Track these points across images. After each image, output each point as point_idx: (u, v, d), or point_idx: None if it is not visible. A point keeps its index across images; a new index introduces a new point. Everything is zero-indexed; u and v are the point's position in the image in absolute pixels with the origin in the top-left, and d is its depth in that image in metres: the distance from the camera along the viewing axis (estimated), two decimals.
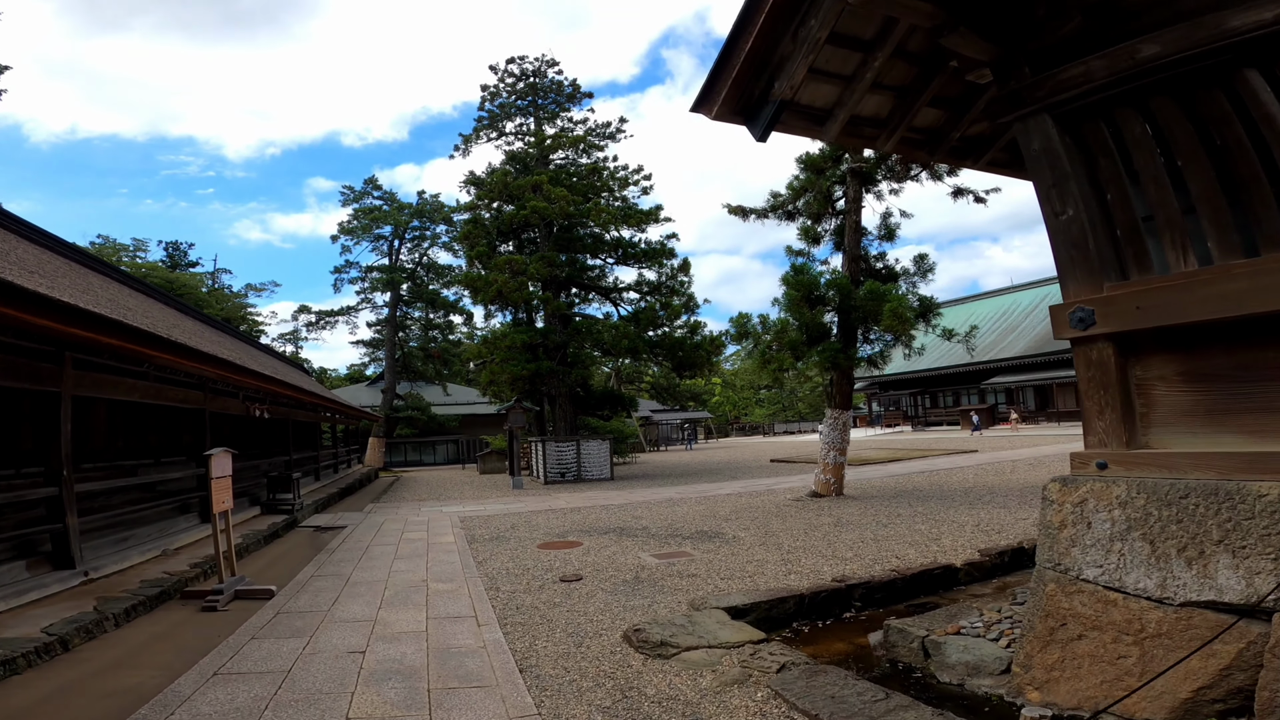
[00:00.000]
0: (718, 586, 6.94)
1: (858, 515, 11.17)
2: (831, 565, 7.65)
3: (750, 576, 7.31)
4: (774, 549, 8.71)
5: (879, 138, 5.96)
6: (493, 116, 28.84)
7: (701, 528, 10.76)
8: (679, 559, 8.34)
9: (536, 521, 12.41)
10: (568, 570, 7.93)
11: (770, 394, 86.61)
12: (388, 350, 39.68)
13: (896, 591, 6.82)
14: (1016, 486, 13.64)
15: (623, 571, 7.76)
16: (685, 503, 14.40)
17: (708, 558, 8.34)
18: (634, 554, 8.80)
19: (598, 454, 22.39)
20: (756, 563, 7.96)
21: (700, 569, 7.71)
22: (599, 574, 7.67)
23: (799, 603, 6.28)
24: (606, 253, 24.65)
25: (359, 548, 10.03)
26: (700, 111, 5.32)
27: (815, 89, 5.42)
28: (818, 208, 13.79)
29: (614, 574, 7.65)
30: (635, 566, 7.99)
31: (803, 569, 7.53)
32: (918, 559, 7.73)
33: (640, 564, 8.13)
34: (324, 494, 16.57)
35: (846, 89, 5.46)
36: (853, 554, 8.22)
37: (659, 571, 7.68)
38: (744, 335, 13.92)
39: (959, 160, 6.71)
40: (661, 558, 8.47)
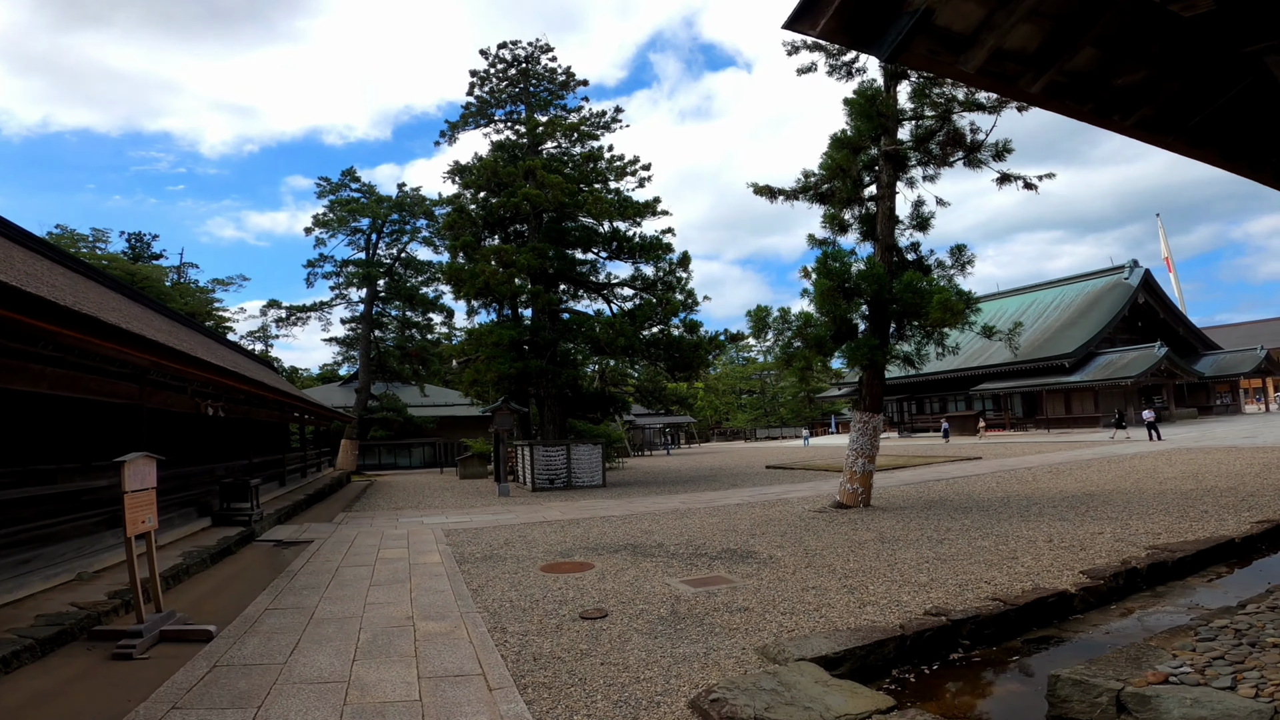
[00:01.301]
0: (782, 624, 5.55)
1: (900, 530, 9.87)
2: (910, 593, 6.31)
3: (815, 610, 5.93)
4: (826, 572, 7.35)
5: (1023, 77, 4.66)
6: (481, 103, 27.25)
7: (727, 545, 9.36)
8: (717, 586, 6.93)
9: (533, 536, 10.91)
10: (586, 602, 6.48)
11: (752, 399, 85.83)
12: (362, 348, 37.71)
13: (1009, 624, 5.55)
14: (1054, 496, 12.49)
15: (654, 604, 6.33)
16: (695, 514, 13.00)
17: (752, 584, 6.95)
18: (659, 579, 7.38)
19: (589, 459, 20.90)
20: (815, 591, 6.58)
21: (750, 600, 6.31)
22: (626, 607, 6.23)
23: (899, 645, 4.96)
24: (600, 246, 23.19)
25: (327, 569, 8.46)
26: (799, 29, 3.95)
27: (958, 6, 4.11)
28: (848, 192, 12.52)
29: (644, 607, 6.21)
30: (667, 597, 6.56)
31: (876, 599, 6.18)
32: (1012, 583, 6.44)
33: (673, 593, 6.71)
34: (288, 501, 14.86)
35: (999, 9, 4.16)
36: (927, 578, 6.89)
37: (699, 604, 6.26)
38: (762, 329, 12.59)
39: (1102, 117, 5.42)
40: (695, 584, 7.05)
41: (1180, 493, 12.02)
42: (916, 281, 10.90)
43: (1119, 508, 10.76)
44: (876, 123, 11.98)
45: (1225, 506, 10.18)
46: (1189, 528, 8.81)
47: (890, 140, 12.45)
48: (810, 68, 13.18)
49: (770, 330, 12.60)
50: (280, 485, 17.60)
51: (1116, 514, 10.19)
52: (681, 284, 21.78)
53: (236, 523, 11.04)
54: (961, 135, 11.71)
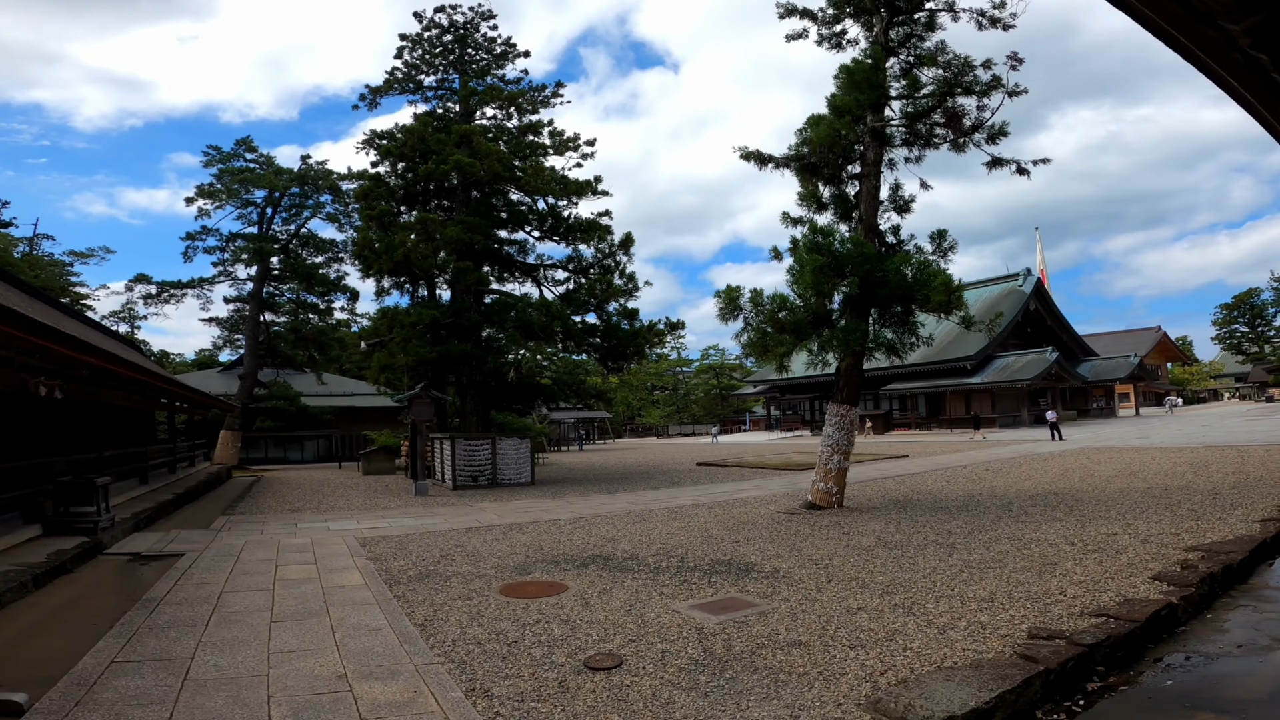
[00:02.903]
0: (862, 662, 4.24)
1: (896, 534, 8.85)
2: (985, 611, 5.20)
3: (889, 640, 4.65)
4: (857, 588, 6.10)
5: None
6: (410, 68, 24.41)
7: (714, 554, 7.98)
8: (741, 612, 5.50)
9: (473, 546, 9.08)
10: (581, 641, 4.86)
11: (664, 395, 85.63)
12: (249, 330, 33.53)
13: (1135, 642, 4.52)
14: (1018, 494, 12.00)
15: (673, 641, 4.82)
16: (652, 517, 11.56)
17: (780, 607, 5.58)
18: (659, 604, 5.87)
19: (516, 455, 18.99)
20: (867, 613, 5.30)
21: (795, 629, 4.92)
22: (640, 649, 4.68)
23: (1045, 681, 3.77)
24: (534, 225, 21.23)
25: (205, 596, 6.33)
26: None
27: None
28: (835, 168, 11.49)
29: (664, 647, 4.69)
30: (686, 630, 5.07)
31: (951, 620, 4.99)
32: (1089, 594, 5.52)
33: (688, 624, 5.22)
34: (151, 502, 12.11)
35: None
36: (983, 591, 5.80)
37: (734, 639, 4.81)
38: (734, 311, 11.32)
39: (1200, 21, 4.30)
40: (710, 610, 5.60)
41: (1143, 491, 11.82)
42: (912, 263, 9.98)
43: (1101, 507, 10.29)
44: (876, 93, 11.03)
45: (1207, 505, 9.88)
46: (1197, 527, 8.30)
47: (878, 117, 11.52)
48: (801, 34, 12.25)
49: (742, 313, 11.35)
50: (142, 483, 14.59)
51: (1107, 513, 9.67)
52: (621, 267, 20.25)
53: (77, 531, 8.50)
54: (958, 114, 10.93)
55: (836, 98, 10.98)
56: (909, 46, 12.13)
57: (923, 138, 11.73)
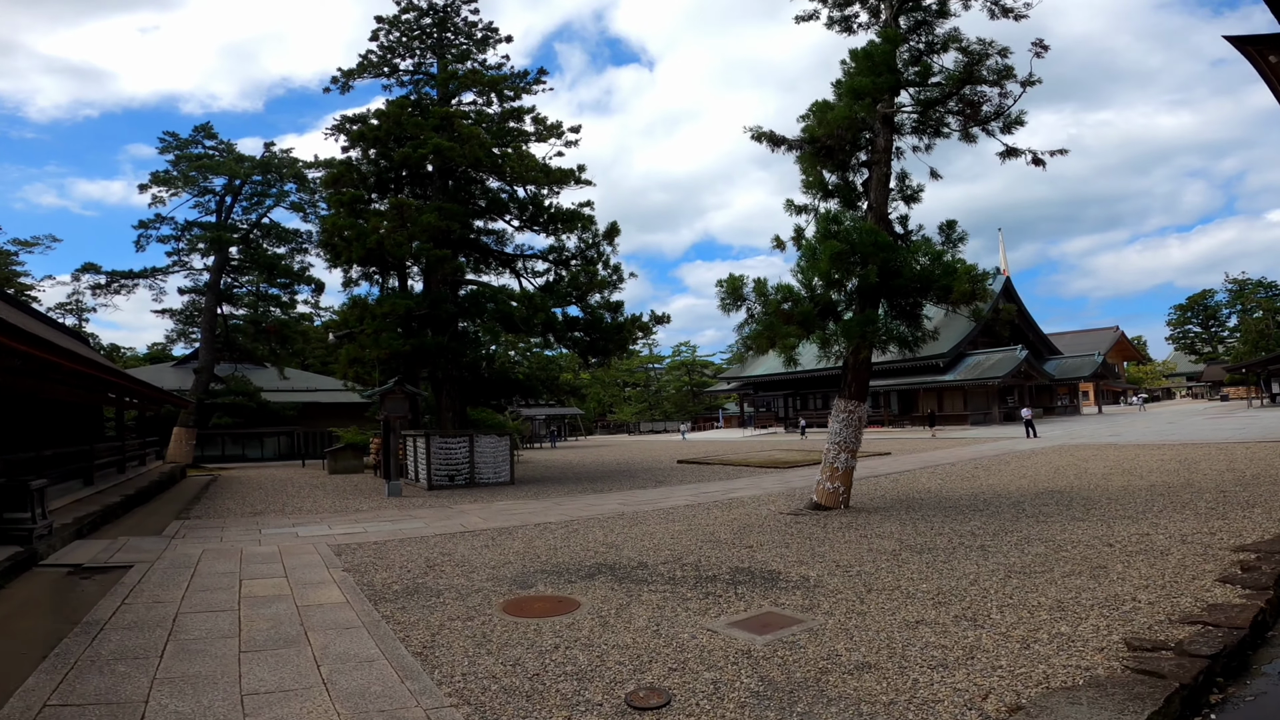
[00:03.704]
0: (954, 686, 3.69)
1: (916, 537, 8.33)
2: (1062, 621, 4.68)
3: (970, 658, 4.08)
4: (904, 598, 5.51)
5: None
6: (385, 51, 23.19)
7: (731, 562, 7.34)
8: (786, 630, 4.86)
9: (461, 554, 8.28)
10: (613, 672, 4.16)
11: (636, 392, 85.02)
12: (205, 322, 31.83)
13: (1238, 651, 4.03)
14: (1022, 493, 11.64)
15: (721, 669, 4.15)
16: (648, 519, 10.89)
17: (829, 622, 4.95)
18: (688, 621, 5.20)
19: (495, 453, 18.11)
20: (931, 627, 4.71)
21: (857, 649, 4.29)
22: (685, 679, 4.00)
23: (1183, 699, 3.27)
24: (514, 214, 20.32)
25: (158, 618, 5.44)
26: None
27: None
28: (844, 155, 10.97)
29: (712, 677, 4.02)
30: (731, 653, 4.40)
31: (1031, 632, 4.46)
32: (1166, 599, 5.05)
33: (732, 645, 4.56)
34: (97, 505, 10.99)
35: None
36: (1047, 599, 5.30)
37: (790, 663, 4.16)
38: (737, 301, 10.70)
39: None
40: (751, 628, 4.95)
41: (1147, 489, 11.57)
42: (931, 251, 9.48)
43: (1114, 505, 9.94)
44: (894, 77, 10.54)
45: (1223, 503, 9.59)
46: (1228, 526, 7.97)
47: (888, 103, 11.01)
48: (812, 15, 11.77)
49: (745, 304, 10.74)
50: (86, 484, 13.36)
51: (1125, 512, 9.31)
52: (605, 259, 19.50)
53: (9, 540, 7.45)
54: (976, 101, 10.50)
55: (854, 80, 10.44)
56: (920, 32, 11.69)
57: (933, 126, 11.29)
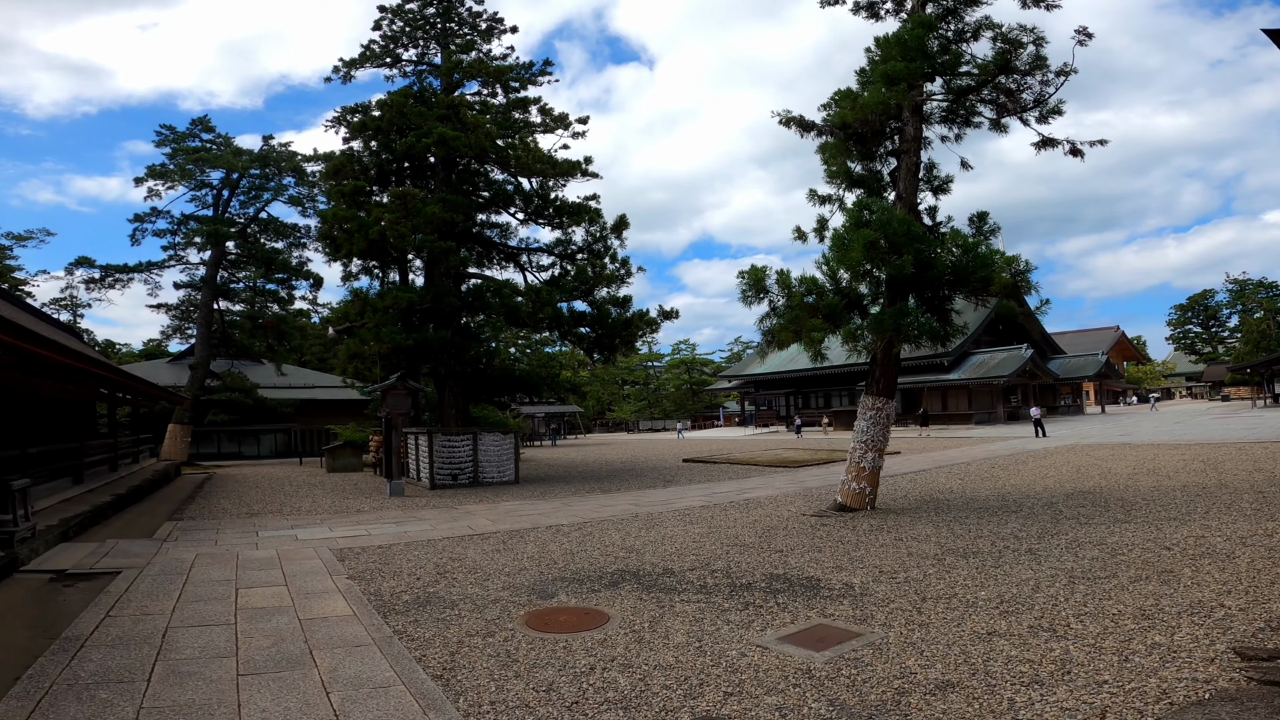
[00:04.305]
0: (1061, 706, 3.29)
1: (954, 539, 7.86)
2: (1150, 630, 4.25)
3: (1067, 674, 3.63)
4: (964, 606, 5.03)
5: None
6: (387, 41, 22.62)
7: (763, 568, 6.85)
8: (844, 645, 4.38)
9: (473, 560, 7.78)
10: (663, 699, 3.67)
11: (635, 390, 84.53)
12: (202, 317, 31.21)
13: None
14: (1050, 493, 11.18)
15: (782, 691, 3.66)
16: (664, 520, 10.40)
17: (894, 637, 4.47)
18: (732, 636, 4.71)
19: (499, 451, 17.60)
20: (1007, 639, 4.23)
21: (933, 666, 3.81)
22: (746, 705, 3.51)
23: None
24: (520, 206, 19.79)
25: (146, 634, 4.93)
26: None
27: None
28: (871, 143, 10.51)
29: (775, 701, 3.53)
30: (789, 673, 3.91)
31: (1123, 644, 3.99)
32: (1261, 606, 4.56)
33: (789, 664, 4.07)
34: (86, 505, 10.46)
35: None
36: (1125, 606, 4.85)
37: (860, 684, 3.67)
38: (759, 293, 10.22)
39: None
40: (804, 643, 4.46)
41: (1180, 489, 11.12)
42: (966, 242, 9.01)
43: (1154, 507, 9.48)
44: (929, 63, 10.07)
45: (1268, 504, 9.14)
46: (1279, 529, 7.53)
47: (918, 91, 10.53)
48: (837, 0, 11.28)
49: (768, 296, 10.26)
50: (76, 483, 12.81)
51: (1169, 514, 8.85)
52: (612, 252, 18.99)
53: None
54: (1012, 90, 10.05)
55: (888, 65, 9.97)
56: (949, 20, 11.22)
57: (962, 115, 10.83)
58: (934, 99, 10.83)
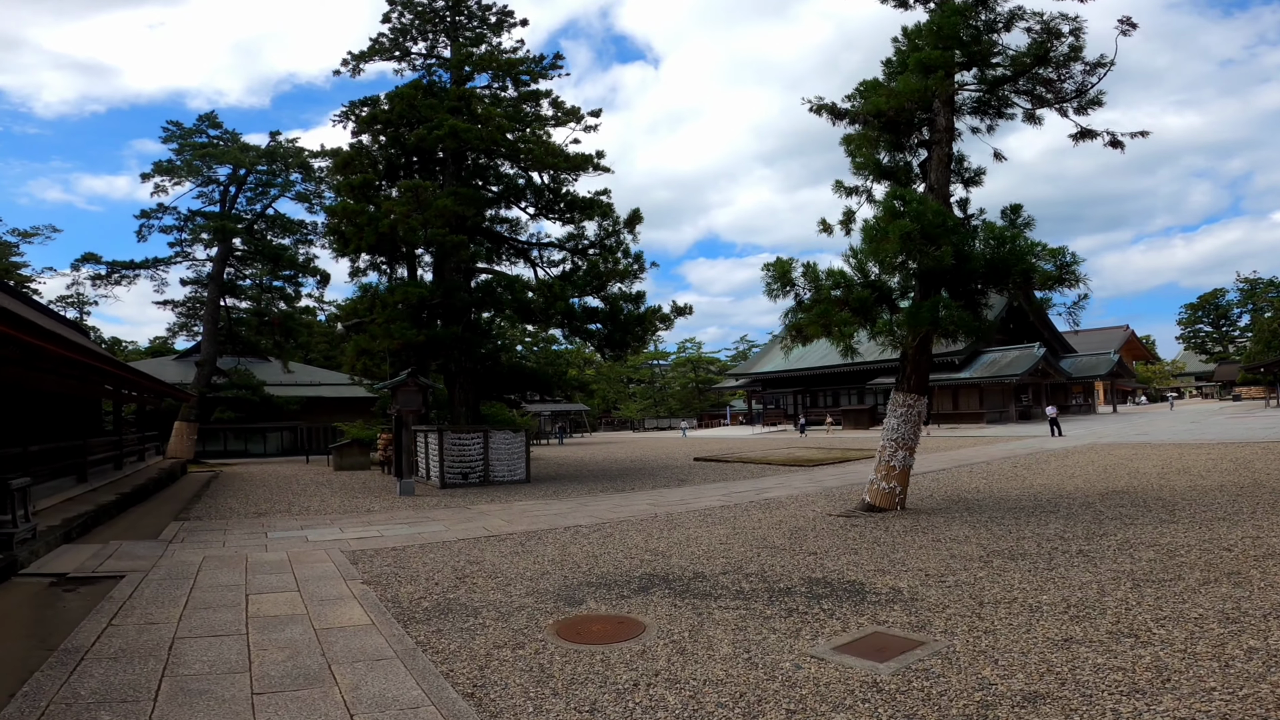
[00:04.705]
0: (1176, 717, 2.82)
1: (996, 540, 7.48)
2: (1243, 634, 3.87)
3: (1165, 682, 3.25)
4: (1028, 611, 4.67)
5: None
6: (396, 34, 22.32)
7: (800, 571, 6.49)
8: (908, 655, 4.02)
9: (492, 563, 7.45)
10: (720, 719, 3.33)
11: (640, 389, 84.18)
12: (208, 314, 31.01)
13: None
14: (1083, 494, 10.79)
15: (850, 708, 3.32)
16: (685, 521, 10.05)
17: (962, 645, 4.10)
18: (782, 646, 4.36)
19: (509, 450, 17.27)
20: (1091, 646, 3.86)
21: (1017, 676, 3.45)
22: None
23: None
24: (531, 201, 19.46)
25: (151, 645, 4.60)
26: None
27: None
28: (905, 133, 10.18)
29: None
30: (855, 688, 3.56)
31: (1216, 649, 3.61)
32: None
33: (851, 677, 3.71)
34: (90, 505, 10.16)
35: None
36: (1205, 610, 4.45)
37: (938, 699, 3.31)
38: (786, 286, 9.86)
39: None
40: (863, 653, 4.10)
41: (1217, 489, 10.72)
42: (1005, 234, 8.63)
43: (1197, 507, 9.08)
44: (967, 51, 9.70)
45: None
46: None
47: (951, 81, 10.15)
48: None
49: (795, 289, 9.90)
50: (80, 481, 12.53)
51: (1215, 514, 8.46)
52: (624, 247, 18.65)
53: None
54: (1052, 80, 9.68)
55: (924, 53, 9.64)
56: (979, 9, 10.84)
57: (994, 107, 10.46)
58: (966, 89, 10.46)
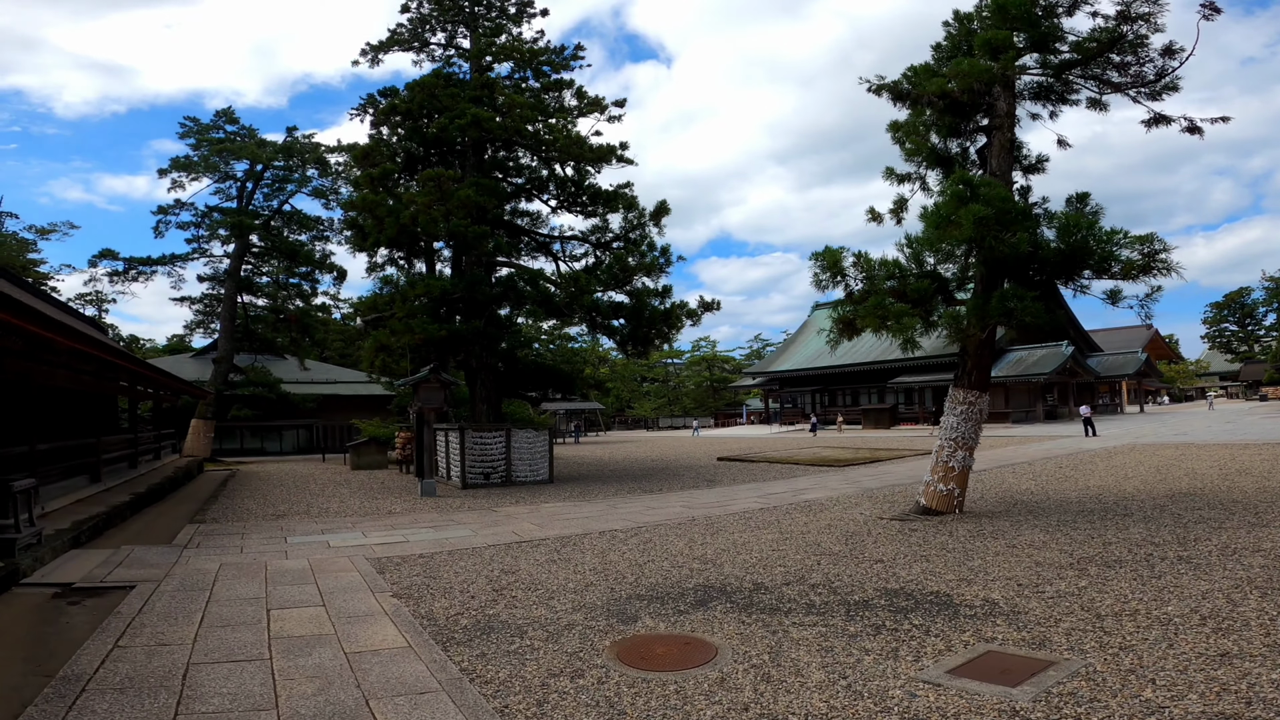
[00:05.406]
0: None
1: (1076, 546, 6.81)
2: None
3: None
4: (1158, 624, 4.01)
5: None
6: (415, 24, 21.87)
7: (872, 581, 5.86)
8: (1039, 677, 3.38)
9: (528, 572, 6.88)
10: None
11: (654, 387, 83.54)
12: (225, 311, 30.75)
13: None
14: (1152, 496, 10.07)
15: None
16: (727, 525, 9.44)
17: (1102, 665, 3.46)
18: (882, 670, 3.74)
19: (531, 449, 16.72)
20: (1262, 663, 3.21)
21: (1190, 699, 2.85)
22: None
23: None
24: (554, 193, 18.90)
25: (163, 671, 4.06)
26: None
27: None
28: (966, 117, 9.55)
29: None
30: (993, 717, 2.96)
31: None
32: None
33: (982, 706, 3.11)
34: (101, 506, 9.71)
35: None
36: None
37: None
38: (835, 276, 9.23)
39: None
40: (983, 676, 3.47)
41: None
42: (1081, 222, 7.95)
43: (1277, 509, 8.39)
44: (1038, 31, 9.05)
45: None
46: None
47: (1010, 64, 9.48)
48: None
49: (844, 280, 9.26)
50: (93, 481, 12.12)
51: None
52: (649, 240, 18.04)
53: None
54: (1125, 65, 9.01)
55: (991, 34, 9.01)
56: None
57: (1057, 92, 9.79)
58: (1029, 73, 9.77)
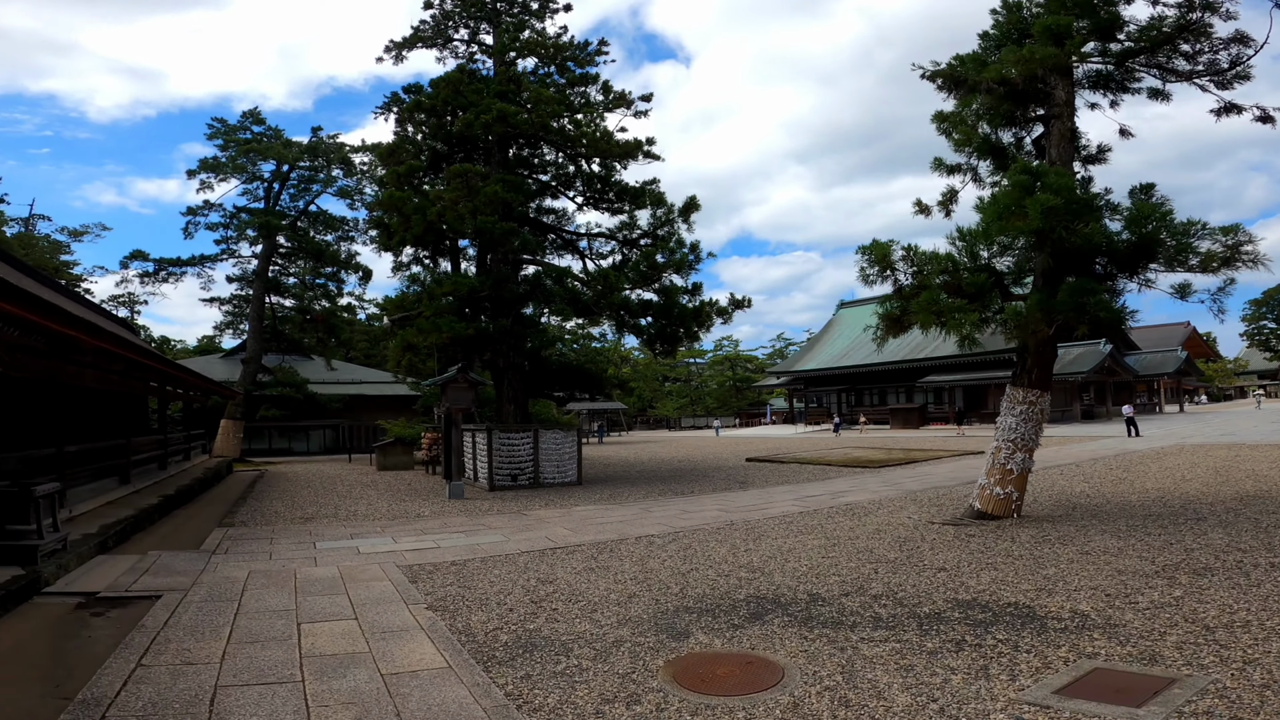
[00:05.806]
0: None
1: (1155, 553, 6.28)
2: None
3: None
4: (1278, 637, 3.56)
5: None
6: (438, 21, 21.73)
7: (940, 591, 5.41)
8: (1166, 696, 2.96)
9: (567, 581, 6.53)
10: None
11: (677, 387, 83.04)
12: (254, 311, 30.97)
13: None
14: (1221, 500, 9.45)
15: None
16: (769, 530, 9.01)
17: (1240, 682, 3.04)
18: (971, 689, 3.31)
19: (559, 450, 16.41)
20: None
21: None
22: None
23: None
24: (580, 190, 18.62)
25: (189, 695, 3.76)
26: None
27: None
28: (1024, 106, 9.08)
29: None
30: None
31: None
32: None
33: None
34: (130, 509, 9.57)
35: None
36: None
37: None
38: (884, 271, 8.77)
39: None
40: (1097, 697, 3.06)
41: None
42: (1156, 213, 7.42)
43: None
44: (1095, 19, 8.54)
45: None
46: None
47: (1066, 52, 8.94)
48: None
49: (893, 274, 8.80)
50: (123, 483, 12.04)
51: None
52: (678, 237, 17.65)
53: (8, 559, 5.96)
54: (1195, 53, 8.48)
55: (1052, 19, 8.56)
56: None
57: (1118, 80, 9.24)
58: (1089, 61, 9.24)
